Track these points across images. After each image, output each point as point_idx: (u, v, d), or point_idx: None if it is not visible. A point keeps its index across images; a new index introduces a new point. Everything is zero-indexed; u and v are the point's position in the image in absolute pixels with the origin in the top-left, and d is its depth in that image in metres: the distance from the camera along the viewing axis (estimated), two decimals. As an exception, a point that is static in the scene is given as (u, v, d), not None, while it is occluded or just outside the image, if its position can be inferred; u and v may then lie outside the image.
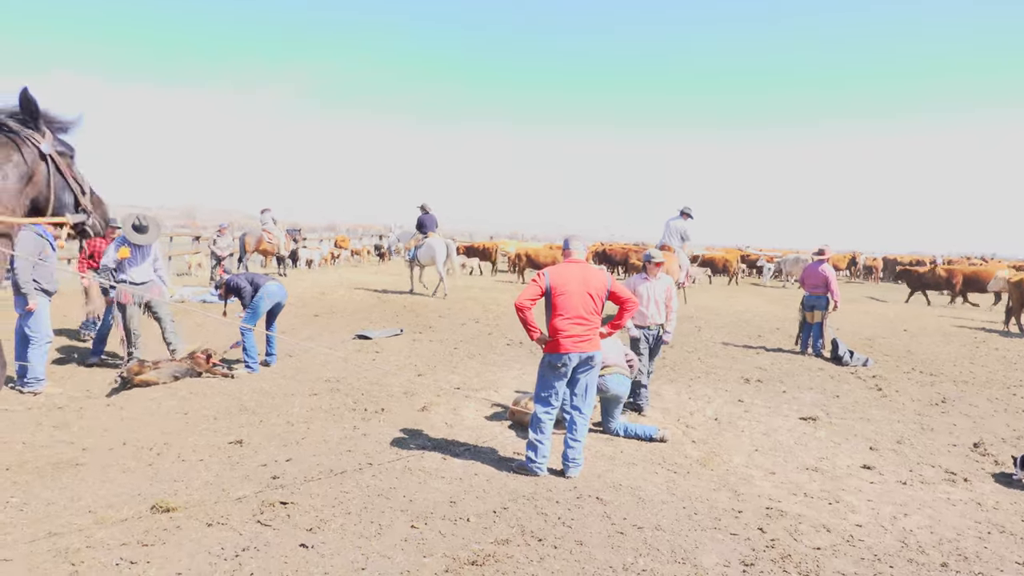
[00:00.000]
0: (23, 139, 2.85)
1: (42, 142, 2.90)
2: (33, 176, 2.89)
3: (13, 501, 4.67)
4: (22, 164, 2.83)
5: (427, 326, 13.48)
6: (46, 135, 2.94)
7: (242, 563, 3.94)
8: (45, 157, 2.92)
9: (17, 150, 2.83)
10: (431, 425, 6.90)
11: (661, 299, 7.66)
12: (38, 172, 2.91)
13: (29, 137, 2.87)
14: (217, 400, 7.52)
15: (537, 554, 4.24)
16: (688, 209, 15.08)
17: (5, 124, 2.84)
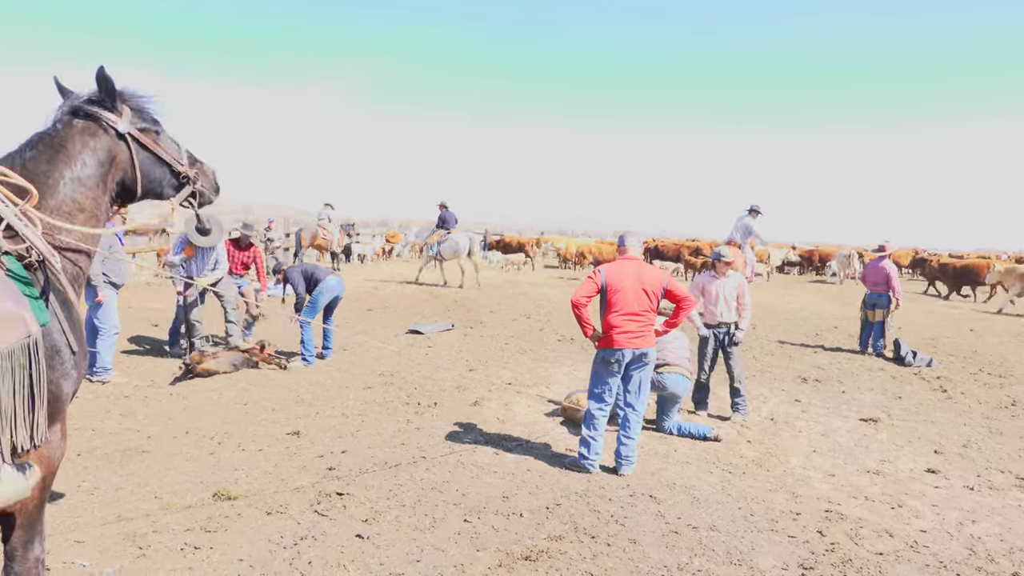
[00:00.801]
0: (99, 122, 2.85)
1: (119, 122, 2.88)
2: (115, 158, 2.89)
3: (84, 485, 4.87)
4: (100, 149, 2.83)
5: (478, 321, 13.54)
6: (124, 113, 2.92)
7: (300, 552, 4.02)
8: (124, 137, 2.90)
9: (93, 135, 2.83)
10: (483, 420, 6.93)
11: (731, 297, 7.51)
12: (119, 154, 2.90)
13: (105, 118, 2.86)
14: (275, 392, 7.69)
15: (590, 551, 4.22)
16: (756, 206, 15.20)
17: (80, 108, 2.85)
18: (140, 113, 2.99)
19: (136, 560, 3.84)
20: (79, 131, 2.79)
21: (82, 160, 2.75)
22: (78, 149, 2.76)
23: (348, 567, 3.87)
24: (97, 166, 2.80)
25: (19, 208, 2.38)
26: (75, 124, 2.81)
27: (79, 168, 2.74)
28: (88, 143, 2.79)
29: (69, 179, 2.70)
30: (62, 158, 2.71)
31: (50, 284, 2.45)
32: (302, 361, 9.11)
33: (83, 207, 2.74)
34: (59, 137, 2.75)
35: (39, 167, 2.65)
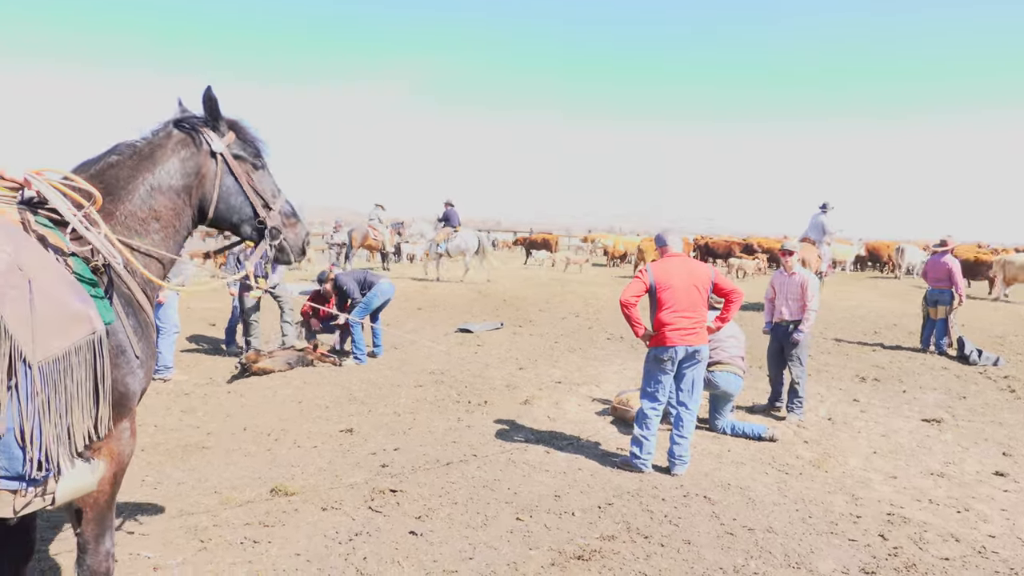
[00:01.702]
0: (196, 135, 2.92)
1: (215, 140, 2.93)
2: (202, 174, 2.93)
3: (148, 480, 5.02)
4: (189, 161, 2.89)
5: (527, 320, 13.55)
6: (224, 135, 2.97)
7: (355, 547, 4.08)
8: (215, 155, 2.94)
9: (186, 146, 2.90)
10: (533, 418, 6.93)
11: (793, 295, 7.35)
12: (207, 171, 2.94)
13: (203, 134, 2.92)
14: (328, 390, 7.82)
15: (644, 551, 4.18)
16: (828, 203, 15.82)
17: (184, 121, 2.93)
18: (244, 143, 3.04)
19: (198, 553, 3.94)
20: (174, 141, 2.88)
21: (167, 169, 2.82)
22: (167, 158, 2.83)
23: (402, 563, 3.91)
24: (181, 177, 2.85)
25: (83, 211, 2.45)
26: (173, 134, 2.90)
27: (162, 177, 2.80)
28: (179, 153, 2.86)
29: (149, 187, 2.77)
30: (147, 165, 2.78)
31: (114, 285, 2.53)
32: (354, 360, 9.25)
33: (159, 215, 2.80)
34: (151, 145, 2.84)
35: (120, 173, 2.73)
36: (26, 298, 2.10)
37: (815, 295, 7.28)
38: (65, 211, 2.41)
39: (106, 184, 2.69)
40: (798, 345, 7.33)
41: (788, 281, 7.42)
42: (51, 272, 2.22)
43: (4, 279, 2.07)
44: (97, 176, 2.69)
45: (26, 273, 2.13)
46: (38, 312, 2.11)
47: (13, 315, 2.06)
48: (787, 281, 7.43)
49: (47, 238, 2.36)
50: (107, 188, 2.68)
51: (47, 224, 2.42)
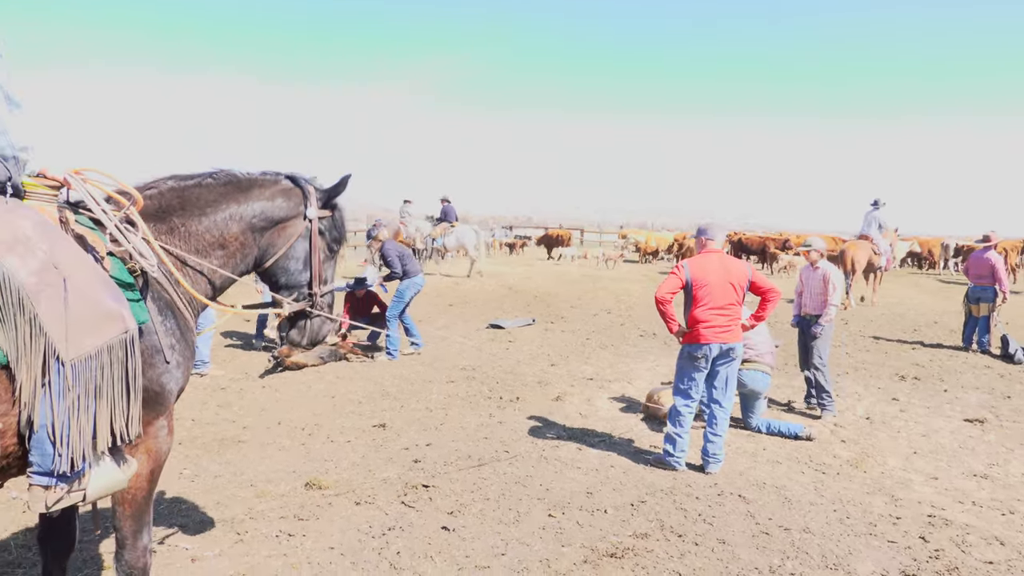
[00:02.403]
0: (301, 193, 3.03)
1: (312, 207, 3.03)
2: (283, 226, 3.01)
3: (185, 473, 5.10)
4: (278, 210, 2.98)
5: (559, 316, 13.51)
6: (323, 210, 3.08)
7: (389, 542, 4.10)
8: (307, 218, 3.03)
9: (286, 198, 3.00)
10: (565, 415, 6.91)
11: (816, 290, 7.24)
12: (289, 226, 3.02)
13: (308, 195, 3.03)
14: (361, 385, 7.88)
15: (677, 550, 4.14)
16: (879, 199, 16.12)
17: (298, 179, 3.05)
18: (334, 225, 3.14)
19: (235, 545, 4.00)
20: (278, 188, 2.99)
21: (256, 208, 2.91)
22: (262, 197, 2.93)
23: (435, 558, 3.92)
24: (264, 219, 2.93)
25: (121, 213, 2.48)
26: (281, 182, 3.01)
27: (247, 211, 2.88)
28: (276, 199, 2.96)
29: (230, 215, 2.84)
30: (237, 196, 2.87)
31: (151, 287, 2.56)
32: (386, 355, 9.30)
33: (226, 244, 2.87)
34: (251, 181, 2.94)
35: (204, 194, 2.82)
36: (61, 296, 2.12)
37: (837, 289, 7.15)
38: (99, 212, 2.44)
39: (184, 200, 2.77)
40: (817, 339, 7.21)
41: (812, 275, 7.33)
42: (86, 271, 2.24)
43: (39, 277, 2.10)
44: (179, 190, 2.78)
45: (61, 271, 2.15)
46: (72, 310, 2.14)
47: (48, 313, 2.09)
48: (812, 275, 7.34)
49: (86, 238, 2.39)
50: (183, 203, 2.76)
51: (87, 224, 2.46)
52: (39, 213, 2.28)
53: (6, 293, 2.04)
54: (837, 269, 7.40)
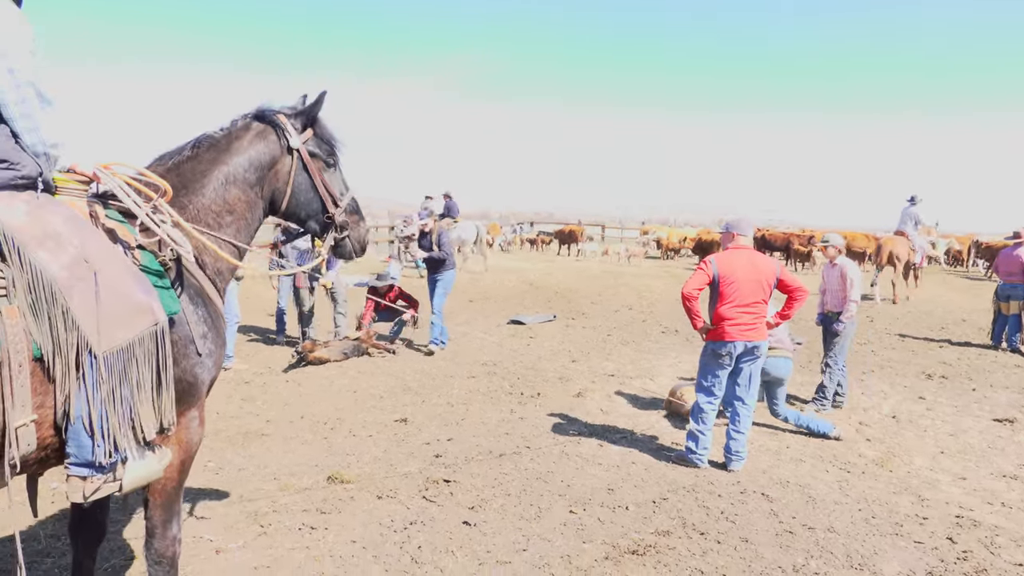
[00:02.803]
0: (275, 129, 2.98)
1: (293, 136, 2.98)
2: (275, 168, 2.99)
3: (210, 465, 5.16)
4: (264, 154, 2.95)
5: (580, 312, 13.48)
6: (304, 132, 3.03)
7: (410, 536, 4.12)
8: (292, 151, 2.99)
9: (264, 139, 2.96)
10: (586, 411, 6.89)
11: (834, 287, 7.15)
12: (281, 166, 3.00)
13: (283, 128, 2.97)
14: (383, 380, 7.92)
15: (700, 548, 4.11)
16: (916, 196, 16.05)
17: (265, 114, 2.99)
18: (320, 141, 3.08)
19: (258, 537, 4.04)
20: (252, 134, 2.93)
21: (242, 163, 2.86)
22: (243, 150, 2.88)
23: (456, 553, 3.93)
24: (255, 170, 2.90)
25: (151, 204, 2.51)
26: (252, 127, 2.95)
27: (237, 169, 2.85)
28: (255, 145, 2.91)
29: (223, 179, 2.82)
30: (223, 158, 2.84)
31: (182, 277, 2.59)
32: (437, 344, 9.50)
33: (232, 208, 2.86)
34: (228, 137, 2.89)
35: (196, 166, 2.80)
36: (92, 290, 2.15)
37: (855, 285, 7.03)
38: (131, 205, 2.46)
39: (182, 177, 2.76)
40: (838, 336, 7.12)
41: (831, 272, 7.25)
42: (117, 264, 2.27)
43: (71, 271, 2.13)
44: (174, 169, 2.77)
45: (92, 265, 2.18)
46: (103, 304, 2.17)
47: (80, 306, 2.12)
48: (830, 272, 7.26)
49: (116, 231, 2.42)
50: (183, 181, 2.75)
51: (117, 217, 2.49)
52: (70, 208, 2.31)
53: (39, 287, 2.07)
54: (856, 265, 7.29)
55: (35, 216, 2.15)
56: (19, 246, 2.07)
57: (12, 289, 2.06)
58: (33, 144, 2.22)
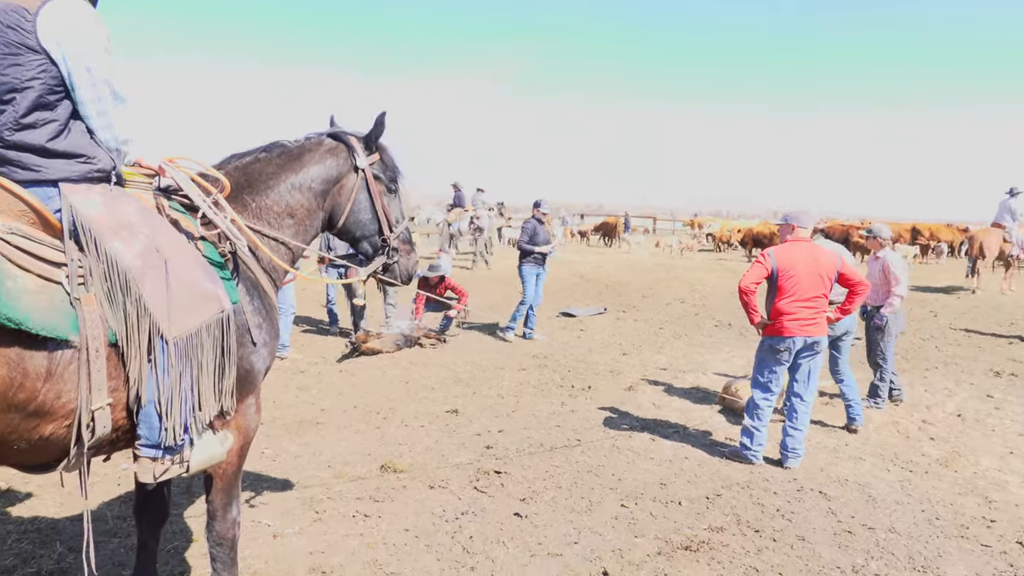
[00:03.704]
0: (346, 148, 3.12)
1: (360, 156, 3.12)
2: (340, 184, 3.11)
3: (267, 452, 5.28)
4: (331, 168, 3.08)
5: (631, 305, 13.37)
6: (371, 155, 3.16)
7: (462, 526, 4.14)
8: (358, 170, 3.12)
9: (334, 155, 3.10)
10: (638, 405, 6.83)
11: (876, 280, 6.87)
12: (346, 182, 3.12)
13: (352, 148, 3.11)
14: (434, 371, 7.99)
15: (754, 545, 4.04)
16: (1015, 188, 15.67)
17: (338, 134, 3.15)
18: (385, 165, 3.20)
19: (313, 523, 4.12)
20: (324, 149, 3.06)
21: (310, 173, 2.99)
22: (313, 162, 3.01)
23: (507, 544, 3.94)
24: (321, 183, 3.02)
25: (211, 198, 2.58)
26: (324, 142, 3.09)
27: (304, 178, 2.97)
28: (325, 159, 3.04)
29: (289, 185, 2.93)
30: (293, 166, 2.96)
31: (240, 269, 2.66)
32: (532, 337, 9.77)
33: (294, 213, 2.96)
34: (301, 148, 3.02)
35: (264, 168, 2.91)
36: (163, 278, 2.23)
37: (898, 278, 6.69)
38: (196, 197, 2.54)
39: (249, 177, 2.87)
40: (881, 332, 6.80)
41: (873, 264, 6.95)
42: (184, 254, 2.36)
43: (143, 260, 2.22)
44: (242, 168, 2.88)
45: (162, 254, 2.27)
46: (173, 291, 2.25)
47: (151, 293, 2.20)
48: (873, 264, 6.96)
49: (179, 222, 2.51)
50: (248, 180, 2.86)
51: (179, 209, 2.57)
52: (139, 200, 2.40)
53: (114, 276, 2.15)
54: (900, 258, 6.98)
55: (110, 207, 2.24)
56: (96, 236, 2.16)
57: (90, 277, 2.14)
58: (107, 140, 2.32)
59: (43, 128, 2.19)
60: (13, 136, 2.16)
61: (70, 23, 2.18)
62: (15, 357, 1.93)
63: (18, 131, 2.16)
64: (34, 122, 2.17)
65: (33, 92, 2.16)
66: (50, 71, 2.18)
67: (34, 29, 2.14)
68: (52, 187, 2.20)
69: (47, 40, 2.15)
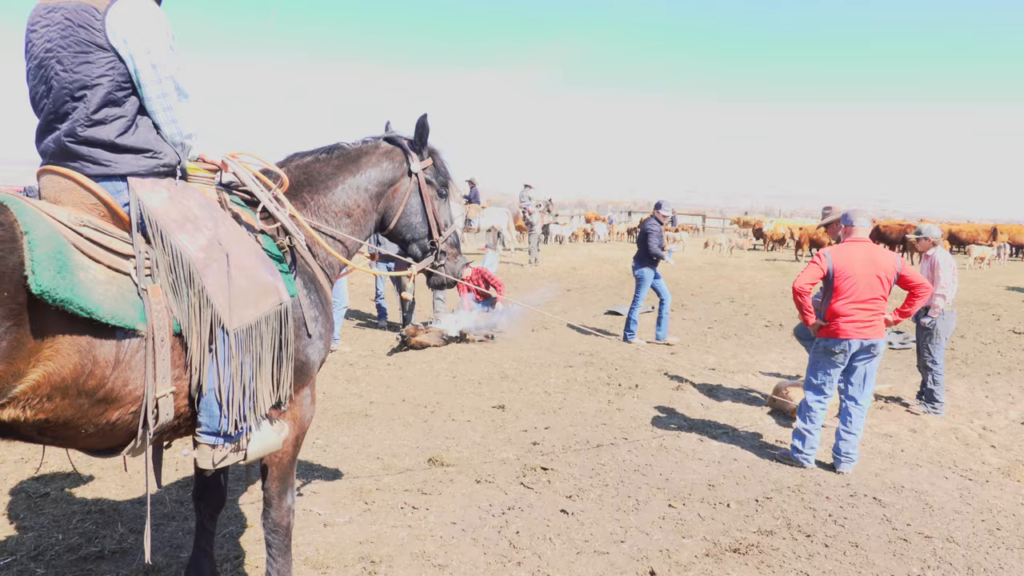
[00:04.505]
0: (401, 153, 3.23)
1: (414, 160, 3.24)
2: (395, 187, 3.22)
3: (318, 443, 5.38)
4: (387, 171, 3.19)
5: (679, 304, 13.22)
6: (424, 160, 3.28)
7: (508, 521, 4.17)
8: (411, 174, 3.24)
9: (390, 159, 3.21)
10: (686, 405, 6.76)
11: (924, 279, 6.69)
12: (400, 185, 3.23)
13: (407, 152, 3.23)
14: (481, 366, 8.03)
15: (806, 550, 3.97)
16: None
17: (394, 138, 3.27)
18: (437, 171, 3.31)
19: (363, 513, 4.19)
20: (380, 152, 3.17)
21: (367, 175, 3.09)
22: (370, 165, 3.11)
23: (554, 540, 3.95)
24: (377, 184, 3.12)
25: (271, 193, 2.65)
26: (381, 146, 3.19)
27: (361, 180, 3.07)
28: (381, 164, 3.14)
29: (347, 186, 3.03)
30: (350, 167, 3.06)
31: (295, 263, 2.72)
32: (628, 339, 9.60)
33: (351, 213, 3.05)
34: (358, 151, 3.13)
35: (324, 169, 3.01)
36: (224, 270, 2.30)
37: (946, 279, 6.53)
38: (258, 192, 2.62)
39: (309, 175, 2.97)
40: (929, 334, 6.68)
41: (924, 265, 6.79)
42: (245, 247, 2.42)
43: (206, 252, 2.28)
44: (303, 167, 2.97)
45: (224, 247, 2.33)
46: (234, 283, 2.31)
47: (213, 285, 2.26)
48: (924, 265, 6.80)
49: (240, 216, 2.57)
50: (308, 179, 2.96)
51: (240, 203, 2.64)
52: (203, 194, 2.47)
53: (178, 267, 2.22)
54: (949, 258, 6.76)
55: (175, 201, 2.32)
56: (162, 229, 2.24)
57: (156, 269, 2.22)
58: (172, 135, 2.40)
59: (112, 124, 2.27)
60: (85, 132, 2.24)
61: (137, 21, 2.25)
62: (86, 345, 2.00)
63: (89, 127, 2.24)
64: (104, 118, 2.25)
65: (103, 89, 2.24)
66: (118, 68, 2.26)
67: (103, 28, 2.21)
68: (121, 181, 2.28)
69: (115, 38, 2.23)
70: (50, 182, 2.28)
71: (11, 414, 1.94)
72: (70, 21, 2.20)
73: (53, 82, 2.23)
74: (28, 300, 1.85)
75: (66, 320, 1.94)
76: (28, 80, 2.31)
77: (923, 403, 6.79)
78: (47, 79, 2.24)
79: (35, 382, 1.93)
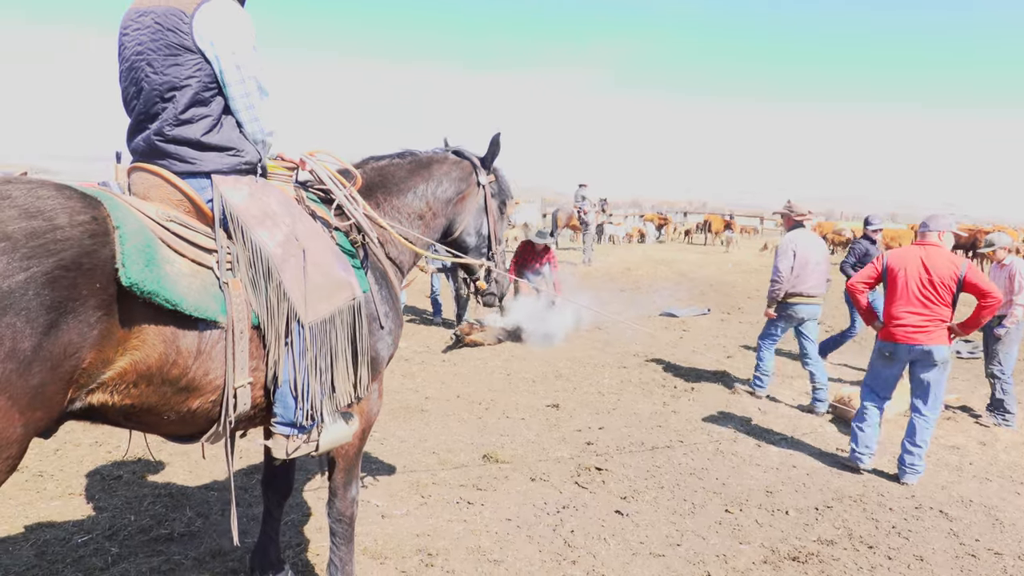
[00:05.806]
0: (470, 165, 3.41)
1: (482, 175, 3.44)
2: (464, 196, 3.40)
3: (376, 436, 5.48)
4: (458, 181, 3.37)
5: (736, 307, 13.02)
6: (489, 175, 3.48)
7: (563, 519, 4.18)
8: (480, 186, 3.43)
9: (459, 170, 3.39)
10: (743, 409, 6.65)
11: (1002, 289, 6.42)
12: (469, 196, 3.41)
13: (475, 165, 3.43)
14: (535, 365, 8.05)
15: (868, 562, 3.87)
16: None
17: (463, 152, 3.46)
18: (500, 187, 3.50)
19: (419, 507, 4.26)
20: (451, 163, 3.34)
21: (439, 181, 3.26)
22: (442, 173, 3.27)
23: (609, 541, 3.95)
24: (448, 192, 3.29)
25: (346, 191, 2.73)
26: (450, 157, 3.36)
27: (433, 186, 3.23)
28: (452, 173, 3.31)
29: (420, 191, 3.19)
30: (423, 173, 3.22)
31: (368, 259, 2.79)
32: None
33: (422, 215, 3.20)
34: (431, 159, 3.29)
35: (398, 172, 3.16)
36: (300, 265, 2.37)
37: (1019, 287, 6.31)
38: (335, 190, 2.71)
39: (383, 177, 3.10)
40: (1000, 341, 6.50)
41: (999, 273, 6.59)
42: (320, 243, 2.50)
43: (284, 248, 2.36)
44: (378, 169, 3.12)
45: (301, 243, 2.41)
46: (310, 278, 2.39)
47: (290, 280, 2.34)
48: (998, 274, 6.59)
49: (316, 212, 2.65)
50: (383, 181, 3.09)
51: (316, 200, 2.73)
52: (281, 191, 2.55)
53: (257, 262, 2.30)
54: None
55: (255, 198, 2.40)
56: (243, 225, 2.32)
57: (236, 264, 2.30)
58: (253, 133, 2.49)
59: (199, 123, 2.36)
60: (173, 131, 2.33)
61: (222, 24, 2.33)
62: (170, 336, 2.09)
63: (177, 127, 2.34)
64: (191, 118, 2.35)
65: (191, 90, 2.33)
66: (205, 69, 2.35)
67: (191, 31, 2.30)
68: (205, 178, 2.38)
69: (202, 41, 2.32)
70: (139, 179, 2.39)
71: (100, 399, 2.04)
72: (159, 25, 2.29)
73: (144, 84, 2.33)
74: (118, 292, 1.94)
75: (152, 311, 2.03)
76: (120, 81, 2.42)
77: (993, 414, 6.56)
78: (138, 81, 2.34)
79: (122, 369, 2.02)
